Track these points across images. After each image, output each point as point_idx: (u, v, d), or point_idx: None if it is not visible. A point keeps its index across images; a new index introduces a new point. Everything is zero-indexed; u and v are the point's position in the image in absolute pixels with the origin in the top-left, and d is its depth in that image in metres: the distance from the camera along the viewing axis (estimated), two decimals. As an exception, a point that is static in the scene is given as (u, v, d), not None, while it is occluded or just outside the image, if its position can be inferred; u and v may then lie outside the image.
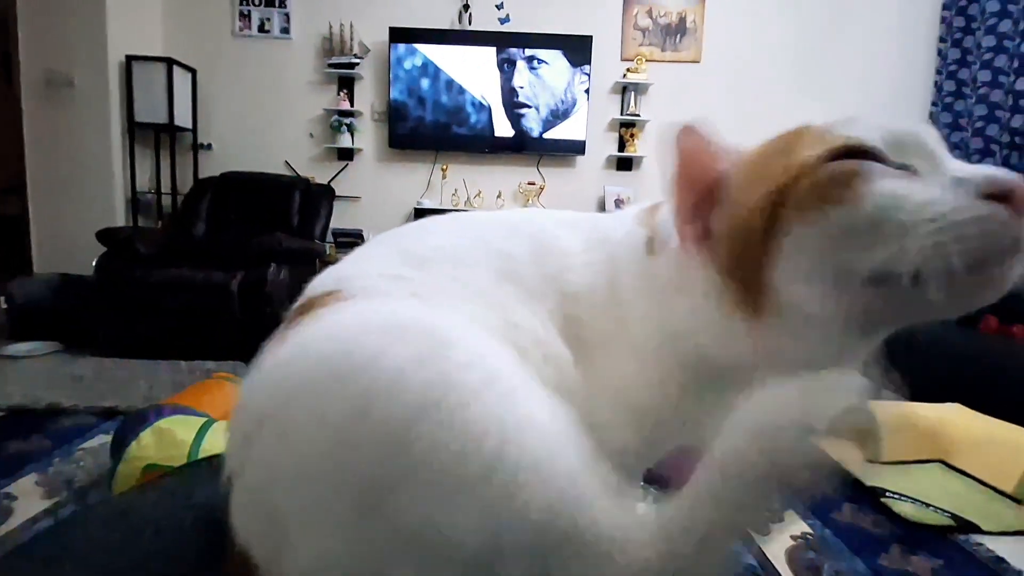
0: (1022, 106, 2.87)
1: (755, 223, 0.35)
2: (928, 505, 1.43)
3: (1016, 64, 2.91)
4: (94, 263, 2.65)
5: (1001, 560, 1.25)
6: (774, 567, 1.19)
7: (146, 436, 1.19)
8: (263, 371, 0.37)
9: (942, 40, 3.37)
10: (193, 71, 3.53)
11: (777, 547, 1.27)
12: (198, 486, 0.57)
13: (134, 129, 3.31)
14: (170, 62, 3.29)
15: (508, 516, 0.32)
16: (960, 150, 3.20)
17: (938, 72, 3.38)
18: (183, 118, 3.44)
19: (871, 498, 1.50)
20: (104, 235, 2.68)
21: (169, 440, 1.18)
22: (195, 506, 0.52)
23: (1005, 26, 2.99)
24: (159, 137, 3.44)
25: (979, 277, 0.30)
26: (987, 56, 3.08)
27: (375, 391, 0.32)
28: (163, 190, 3.50)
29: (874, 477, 1.56)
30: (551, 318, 0.43)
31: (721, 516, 0.34)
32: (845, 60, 3.54)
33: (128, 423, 1.27)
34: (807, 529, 1.35)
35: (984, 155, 3.05)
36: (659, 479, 1.47)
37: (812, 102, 3.49)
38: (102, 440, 1.63)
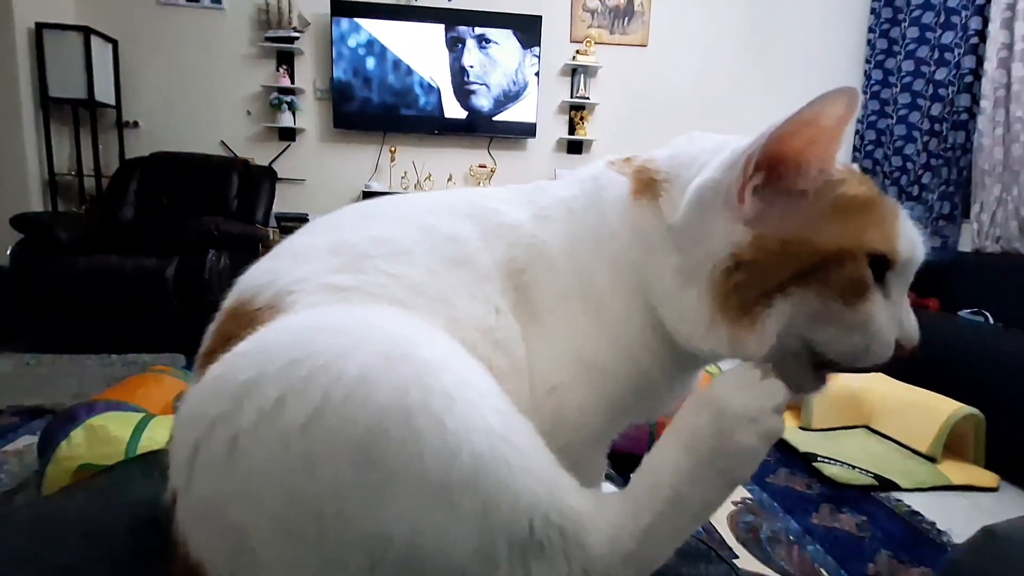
0: (941, 95, 3.05)
1: (785, 261, 0.37)
2: (854, 467, 1.54)
3: (937, 55, 3.09)
4: (8, 252, 2.45)
5: (916, 513, 1.36)
6: (717, 531, 1.26)
7: (77, 435, 1.13)
8: (213, 373, 0.35)
9: (871, 31, 3.54)
10: (114, 42, 3.26)
11: (719, 512, 1.34)
12: (133, 485, 0.54)
13: (48, 105, 3.04)
14: (87, 31, 3.03)
15: (499, 519, 0.32)
16: (886, 136, 3.39)
17: (867, 61, 3.55)
18: (105, 93, 3.18)
19: (803, 463, 1.60)
20: (19, 221, 2.47)
21: (103, 438, 1.12)
22: (130, 506, 0.49)
23: (928, 18, 3.17)
24: (78, 114, 3.18)
25: (864, 365, 0.40)
26: (911, 47, 3.26)
27: (345, 392, 0.31)
28: (85, 172, 3.25)
29: (807, 444, 1.66)
30: (504, 296, 0.42)
31: (682, 494, 0.37)
32: (785, 49, 3.67)
33: (56, 422, 1.19)
34: (746, 494, 1.43)
35: (907, 140, 3.24)
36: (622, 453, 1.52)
37: (754, 88, 3.61)
38: (28, 441, 1.53)
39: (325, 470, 0.31)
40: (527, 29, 3.45)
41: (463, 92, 3.50)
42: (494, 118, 3.54)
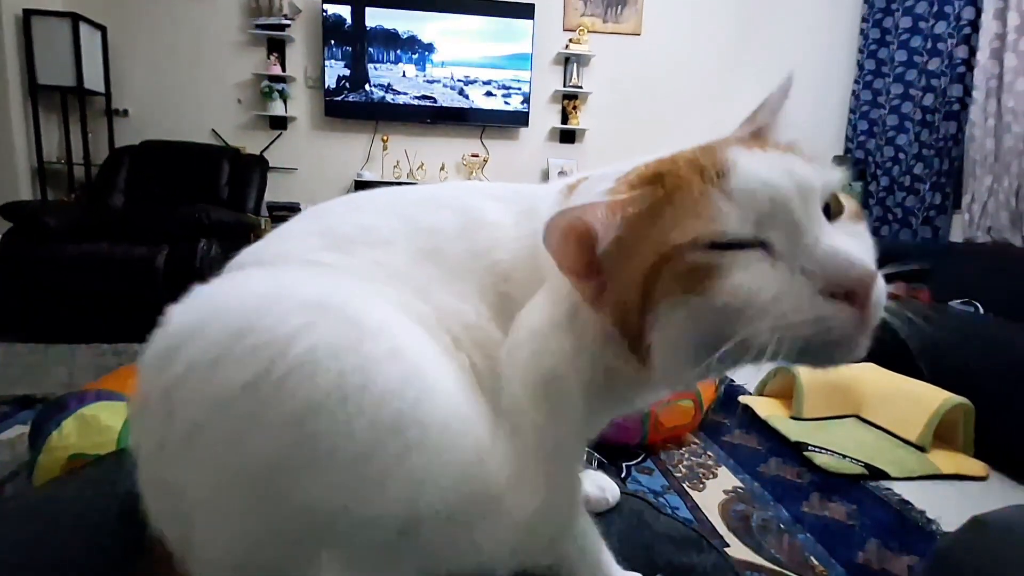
0: (934, 85, 3.06)
1: (632, 298, 0.35)
2: (844, 456, 1.55)
3: (929, 45, 3.09)
4: (-3, 240, 2.42)
5: (906, 502, 1.38)
6: (708, 520, 1.27)
7: (68, 424, 1.12)
8: (170, 323, 0.36)
9: (864, 20, 3.53)
10: (103, 28, 3.21)
11: (711, 501, 1.35)
12: (124, 474, 0.54)
13: (36, 92, 3.00)
14: (75, 17, 2.98)
15: (426, 499, 0.33)
16: (878, 126, 3.40)
17: (860, 51, 3.55)
18: (94, 81, 3.14)
19: (794, 452, 1.62)
20: (7, 209, 2.44)
21: (94, 427, 1.12)
22: (121, 495, 0.49)
23: (921, 8, 3.17)
24: (66, 101, 3.13)
25: (822, 356, 0.32)
26: (904, 36, 3.26)
27: (286, 369, 0.31)
28: (75, 160, 3.21)
29: (797, 433, 1.68)
30: (482, 297, 0.42)
31: (537, 434, 0.38)
32: (778, 38, 3.66)
33: (47, 411, 1.18)
34: (737, 483, 1.45)
35: (899, 131, 3.25)
36: (613, 443, 1.53)
37: (746, 77, 3.60)
38: (20, 430, 1.51)
39: (258, 440, 0.31)
40: (520, 17, 3.42)
41: (455, 80, 3.48)
42: (486, 107, 3.52)
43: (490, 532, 0.36)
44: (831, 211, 0.34)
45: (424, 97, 3.48)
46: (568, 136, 3.70)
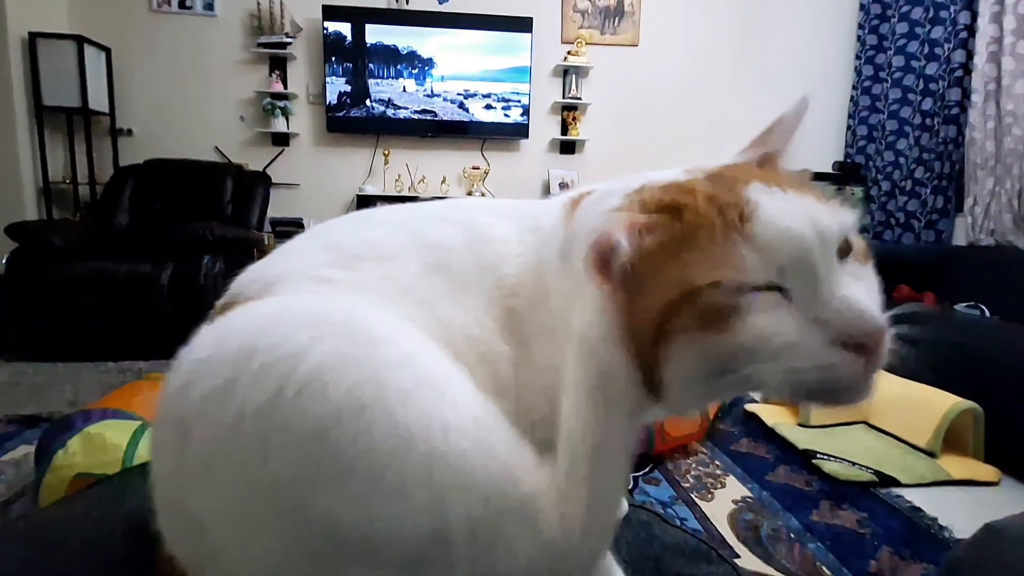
0: (932, 90, 3.07)
1: (646, 329, 0.35)
2: (853, 463, 1.54)
3: (927, 50, 3.11)
4: (4, 260, 2.44)
5: (917, 509, 1.36)
6: (717, 530, 1.26)
7: (74, 443, 1.12)
8: (181, 362, 0.36)
9: (860, 27, 3.55)
10: (107, 50, 3.26)
11: (720, 511, 1.34)
12: (130, 493, 0.53)
13: (42, 113, 3.04)
14: (80, 40, 3.03)
15: (453, 507, 0.32)
16: (878, 131, 3.40)
17: (857, 57, 3.57)
18: (98, 101, 3.18)
19: (803, 460, 1.60)
20: (13, 229, 2.47)
21: (99, 446, 1.12)
22: (127, 515, 0.49)
23: (917, 13, 3.19)
24: (72, 122, 3.17)
25: (828, 398, 0.34)
26: (901, 42, 3.27)
27: (298, 387, 0.32)
28: (80, 179, 3.24)
29: (806, 441, 1.66)
30: (488, 311, 0.41)
31: (587, 441, 0.37)
32: (775, 47, 3.68)
33: (52, 430, 1.19)
34: (747, 493, 1.43)
35: (898, 135, 3.26)
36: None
37: (744, 86, 3.62)
38: (25, 450, 1.52)
39: (278, 459, 0.31)
40: (518, 31, 3.45)
41: (455, 94, 3.51)
42: (486, 120, 3.54)
43: (525, 549, 0.35)
44: (841, 250, 0.35)
45: (424, 111, 3.51)
46: (568, 147, 3.72)
